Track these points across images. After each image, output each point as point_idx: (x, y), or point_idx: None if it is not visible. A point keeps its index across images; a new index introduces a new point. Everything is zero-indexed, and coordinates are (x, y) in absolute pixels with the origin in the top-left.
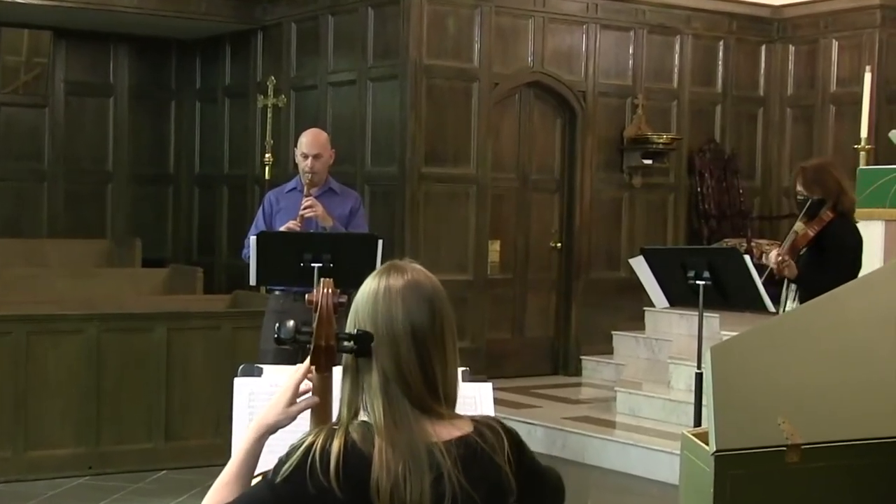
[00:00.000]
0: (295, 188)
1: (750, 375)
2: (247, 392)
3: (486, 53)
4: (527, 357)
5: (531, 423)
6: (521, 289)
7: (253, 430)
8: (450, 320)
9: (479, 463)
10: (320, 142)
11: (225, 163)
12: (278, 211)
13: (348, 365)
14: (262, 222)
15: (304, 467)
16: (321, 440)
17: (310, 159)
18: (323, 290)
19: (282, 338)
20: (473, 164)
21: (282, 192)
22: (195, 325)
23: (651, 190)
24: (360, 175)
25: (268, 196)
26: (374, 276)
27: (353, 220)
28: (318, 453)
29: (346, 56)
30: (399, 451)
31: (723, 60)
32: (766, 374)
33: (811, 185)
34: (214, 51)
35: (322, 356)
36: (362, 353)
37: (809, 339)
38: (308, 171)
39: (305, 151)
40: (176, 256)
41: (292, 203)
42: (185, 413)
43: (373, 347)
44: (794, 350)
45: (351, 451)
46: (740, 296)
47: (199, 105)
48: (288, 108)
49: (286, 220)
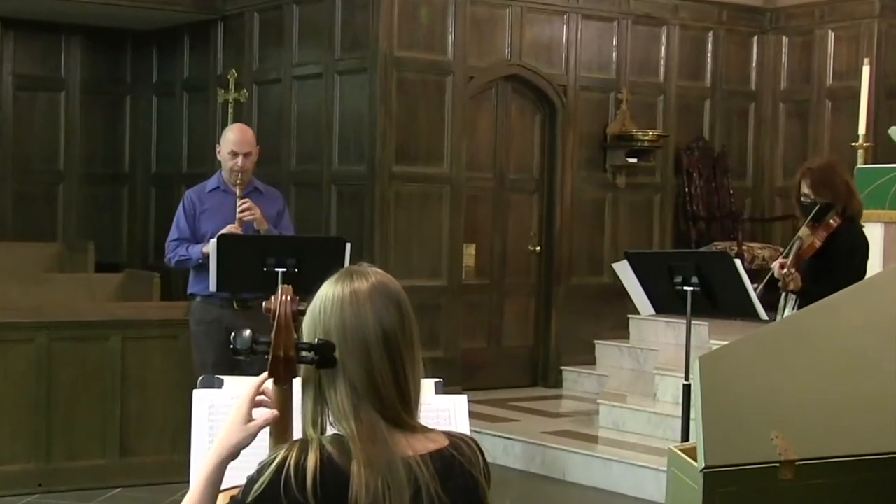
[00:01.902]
0: (217, 188)
1: (741, 387)
2: (206, 405)
3: (461, 45)
4: (504, 368)
5: (509, 437)
6: (498, 295)
7: (213, 454)
8: (416, 325)
9: (458, 477)
10: (250, 138)
11: (183, 161)
12: (202, 212)
13: (309, 377)
14: (184, 223)
15: (277, 484)
16: (294, 455)
17: (240, 157)
18: (281, 296)
19: (238, 348)
20: (447, 162)
21: (202, 191)
22: (151, 334)
23: (636, 190)
24: (327, 174)
25: (188, 195)
26: (334, 282)
27: (281, 221)
28: (292, 469)
29: (311, 48)
30: (377, 467)
31: (712, 53)
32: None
33: (819, 187)
34: (172, 42)
35: (281, 367)
36: (324, 364)
37: (804, 349)
38: (238, 170)
39: (236, 149)
40: (131, 261)
41: (217, 204)
42: (140, 427)
43: (336, 358)
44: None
45: (328, 466)
46: (730, 302)
47: (156, 100)
48: (250, 104)
49: (213, 223)
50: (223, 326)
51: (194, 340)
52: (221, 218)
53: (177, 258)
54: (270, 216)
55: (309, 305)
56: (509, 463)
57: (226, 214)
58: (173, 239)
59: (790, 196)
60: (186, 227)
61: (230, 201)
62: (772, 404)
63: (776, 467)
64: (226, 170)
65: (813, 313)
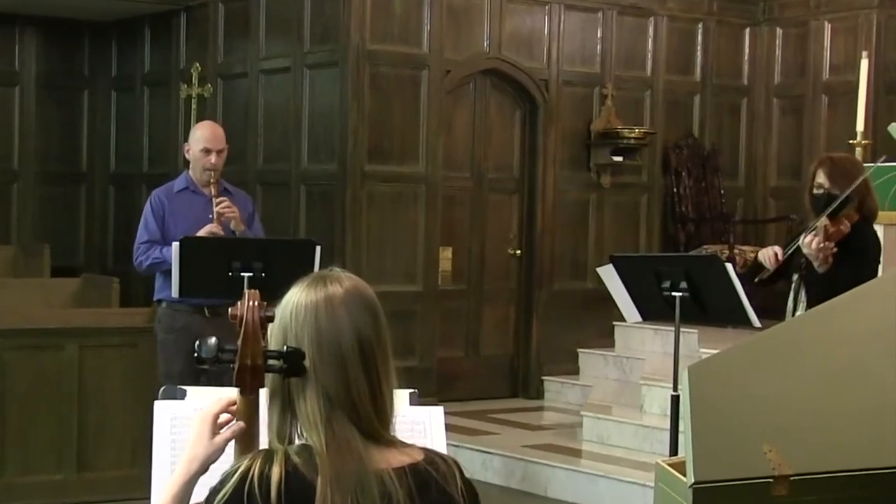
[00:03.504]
0: (186, 188)
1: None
2: (168, 416)
3: (437, 37)
4: (482, 378)
5: (487, 451)
6: (476, 301)
7: (180, 471)
8: (388, 333)
9: (432, 493)
10: (222, 135)
11: (144, 160)
12: (171, 213)
13: (276, 387)
14: (153, 225)
15: (240, 495)
16: (258, 465)
17: (213, 155)
18: (248, 302)
19: (203, 357)
20: (422, 161)
21: (170, 192)
22: (111, 342)
23: (621, 190)
24: (296, 173)
25: (155, 195)
26: (305, 287)
27: (252, 224)
28: (255, 479)
29: (279, 40)
30: (345, 481)
31: (702, 45)
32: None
33: (838, 177)
34: (132, 34)
35: (248, 377)
36: (293, 373)
37: (799, 358)
38: (211, 168)
39: (209, 146)
40: (89, 265)
41: (186, 205)
42: (99, 440)
43: (306, 366)
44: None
45: (293, 477)
46: (721, 309)
47: (116, 95)
48: (215, 99)
49: (184, 223)
50: (192, 334)
51: (161, 349)
52: (191, 219)
53: (149, 261)
54: (241, 217)
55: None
56: (488, 478)
57: (196, 216)
58: (143, 241)
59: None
60: (156, 228)
61: (200, 202)
62: (765, 416)
63: (769, 483)
64: (197, 169)
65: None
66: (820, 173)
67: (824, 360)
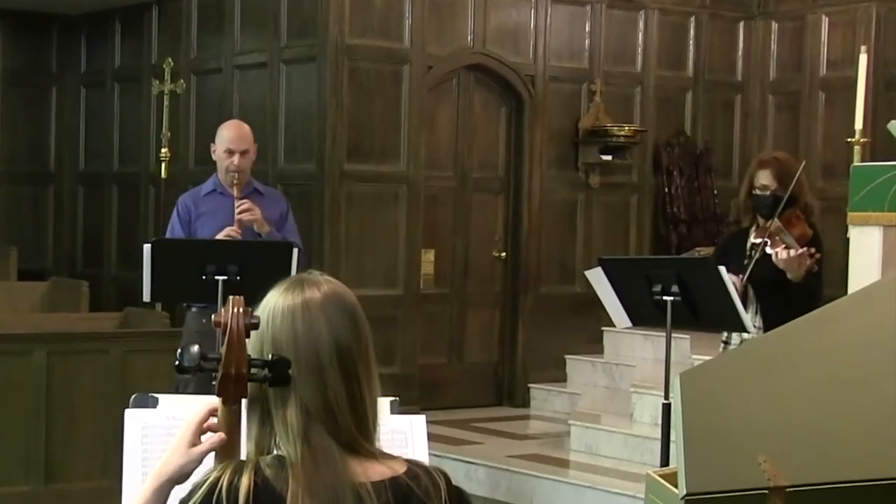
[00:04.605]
0: (214, 190)
1: (726, 406)
2: (139, 426)
3: (419, 31)
4: (466, 385)
5: (471, 462)
6: (460, 306)
7: (151, 480)
8: (371, 339)
9: None
10: (246, 135)
11: (115, 159)
12: (198, 217)
13: (255, 396)
14: (179, 231)
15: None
16: (227, 476)
17: (236, 156)
18: (232, 308)
19: (184, 365)
20: (404, 160)
21: (198, 195)
22: (80, 348)
23: (611, 190)
24: (272, 173)
25: (182, 200)
26: (283, 291)
27: (286, 225)
28: (224, 490)
29: (255, 34)
30: (319, 495)
31: (694, 39)
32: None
33: (786, 178)
34: (102, 28)
35: (231, 386)
36: (278, 382)
37: (795, 365)
38: (234, 170)
39: (231, 147)
40: (58, 268)
41: (214, 208)
42: (68, 450)
43: (292, 375)
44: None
45: (263, 489)
46: (714, 314)
47: (85, 91)
48: (188, 95)
49: (210, 227)
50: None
51: None
52: (219, 222)
53: None
54: (272, 219)
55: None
56: (472, 489)
57: (224, 218)
58: None
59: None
60: (182, 233)
61: (227, 204)
62: (760, 425)
63: (764, 494)
64: (221, 170)
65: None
66: (765, 174)
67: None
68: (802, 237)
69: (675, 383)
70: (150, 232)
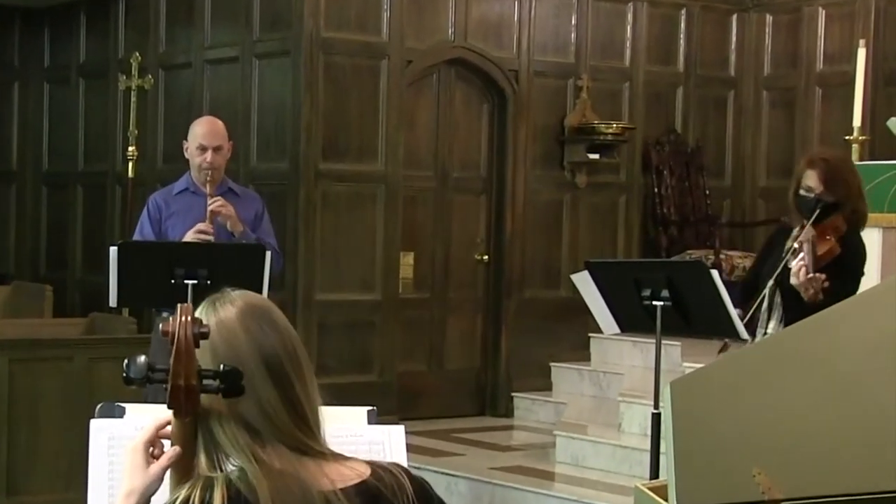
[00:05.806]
0: (186, 189)
1: (718, 416)
2: (105, 436)
3: (398, 25)
4: (447, 394)
5: (452, 474)
6: (440, 311)
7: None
8: (298, 339)
9: None
10: (220, 131)
11: (80, 157)
12: (169, 216)
13: (203, 408)
14: (149, 230)
15: None
16: (198, 493)
17: (209, 152)
18: (180, 317)
19: (131, 377)
20: (382, 159)
21: (169, 194)
22: (43, 356)
23: (598, 190)
24: (244, 172)
25: (153, 199)
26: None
27: (261, 226)
28: None
29: (226, 28)
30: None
31: (685, 33)
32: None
33: (832, 182)
34: (67, 21)
35: (182, 398)
36: (231, 393)
37: (790, 373)
38: (207, 168)
39: (204, 143)
40: (20, 271)
41: (186, 207)
42: (30, 462)
43: (244, 386)
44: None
45: (236, 502)
46: (706, 319)
47: (49, 87)
48: (156, 91)
49: (182, 227)
50: None
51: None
52: (191, 222)
53: None
54: (247, 219)
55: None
56: (453, 502)
57: (196, 218)
58: None
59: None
60: (151, 232)
61: (200, 203)
62: (753, 436)
63: None
64: (194, 168)
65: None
66: (810, 174)
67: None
68: (826, 256)
69: (665, 392)
70: (116, 234)
